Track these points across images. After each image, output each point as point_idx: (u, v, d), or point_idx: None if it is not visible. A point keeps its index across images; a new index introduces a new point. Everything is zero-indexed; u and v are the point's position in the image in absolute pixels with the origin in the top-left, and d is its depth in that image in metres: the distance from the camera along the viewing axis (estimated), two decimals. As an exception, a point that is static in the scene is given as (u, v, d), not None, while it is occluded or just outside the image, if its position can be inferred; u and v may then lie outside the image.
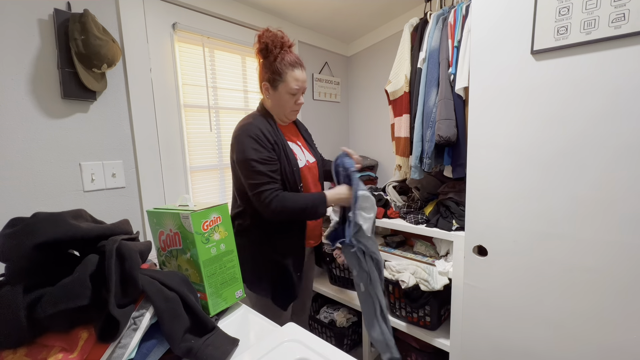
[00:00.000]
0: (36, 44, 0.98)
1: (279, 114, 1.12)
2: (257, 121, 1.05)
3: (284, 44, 1.04)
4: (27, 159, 0.99)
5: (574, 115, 0.87)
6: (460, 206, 1.25)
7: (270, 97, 1.08)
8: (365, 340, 1.62)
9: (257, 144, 1.00)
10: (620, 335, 0.87)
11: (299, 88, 1.06)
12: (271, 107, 1.11)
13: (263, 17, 1.63)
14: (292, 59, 1.04)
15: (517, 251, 1.02)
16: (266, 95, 1.09)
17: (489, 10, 0.99)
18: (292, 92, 1.05)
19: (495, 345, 1.11)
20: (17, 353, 0.46)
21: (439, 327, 1.37)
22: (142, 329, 0.51)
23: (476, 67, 1.04)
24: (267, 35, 1.02)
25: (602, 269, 0.88)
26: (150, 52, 1.25)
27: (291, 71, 1.03)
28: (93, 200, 1.13)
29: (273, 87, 1.06)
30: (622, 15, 0.77)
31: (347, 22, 1.86)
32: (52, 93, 1.02)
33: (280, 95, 1.06)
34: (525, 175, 0.97)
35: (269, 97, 1.09)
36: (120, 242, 0.54)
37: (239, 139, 1.02)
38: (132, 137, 1.22)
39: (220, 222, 0.71)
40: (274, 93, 1.07)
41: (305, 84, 1.08)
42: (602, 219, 0.86)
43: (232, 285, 0.73)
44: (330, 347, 0.58)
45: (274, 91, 1.06)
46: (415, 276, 1.29)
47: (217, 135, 1.52)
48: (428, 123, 1.24)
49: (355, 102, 2.24)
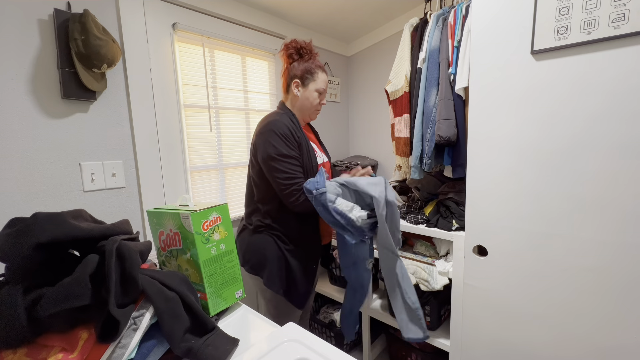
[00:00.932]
0: (36, 44, 0.98)
1: (303, 113, 1.18)
2: (283, 118, 1.09)
3: (312, 51, 1.17)
4: (27, 159, 0.99)
5: (574, 115, 0.87)
6: (460, 206, 1.25)
7: (300, 94, 1.15)
8: (365, 340, 1.62)
9: (287, 140, 1.04)
10: (620, 335, 0.87)
11: (326, 88, 1.18)
12: (296, 105, 1.17)
13: (263, 17, 1.64)
14: (320, 64, 1.18)
15: (517, 251, 1.02)
16: (295, 91, 1.15)
17: (489, 10, 0.99)
18: (320, 91, 1.16)
19: (495, 345, 1.11)
20: (17, 353, 0.46)
21: (439, 327, 1.37)
22: (142, 329, 0.51)
23: (476, 67, 1.04)
24: (298, 42, 1.16)
25: (602, 269, 0.88)
26: (150, 52, 1.25)
27: (321, 72, 1.16)
28: (93, 200, 1.13)
29: (304, 84, 1.14)
30: (622, 15, 0.77)
31: (347, 22, 1.86)
32: (52, 93, 1.02)
33: (310, 93, 1.15)
34: (525, 175, 0.97)
35: (298, 94, 1.15)
36: (120, 242, 0.53)
37: (267, 135, 1.05)
38: (132, 137, 1.22)
39: (220, 222, 0.71)
40: (304, 90, 1.15)
41: (327, 88, 1.20)
42: (602, 219, 0.86)
43: (232, 285, 0.73)
44: (330, 347, 0.58)
45: (304, 88, 1.15)
46: (415, 276, 1.29)
47: (217, 135, 1.52)
48: (428, 123, 1.24)
49: (355, 102, 2.24)
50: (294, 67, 1.15)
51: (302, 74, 1.14)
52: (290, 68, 1.16)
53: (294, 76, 1.14)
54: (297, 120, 1.14)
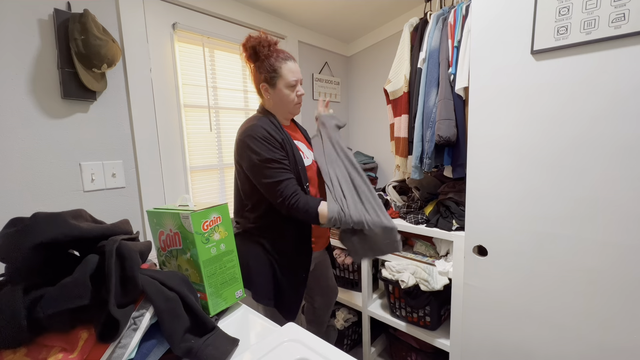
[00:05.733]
0: (36, 44, 0.98)
1: (283, 112, 1.10)
2: (261, 121, 1.03)
3: (270, 42, 1.04)
4: (27, 159, 0.99)
5: (574, 115, 0.87)
6: (460, 206, 1.25)
7: (271, 97, 1.07)
8: (366, 340, 1.62)
9: (267, 142, 0.99)
10: (620, 335, 0.87)
11: (297, 79, 1.06)
12: (273, 107, 1.10)
13: (263, 17, 1.64)
14: (281, 54, 1.05)
15: (517, 251, 1.02)
16: (266, 95, 1.08)
17: (489, 10, 0.99)
18: (291, 84, 1.06)
19: (496, 345, 1.11)
20: (17, 353, 0.46)
21: (439, 327, 1.37)
22: (142, 329, 0.51)
23: (476, 67, 1.04)
24: (252, 40, 1.03)
25: (602, 269, 0.88)
26: (150, 52, 1.25)
27: (284, 64, 1.04)
28: (93, 200, 1.13)
29: (271, 85, 1.05)
30: (622, 15, 0.77)
31: (347, 22, 1.86)
32: (52, 93, 1.02)
33: (281, 91, 1.06)
34: (525, 175, 0.97)
35: (269, 97, 1.08)
36: (120, 242, 0.54)
37: (246, 142, 1.00)
38: (132, 137, 1.22)
39: (220, 222, 0.71)
40: (273, 91, 1.06)
41: (300, 75, 1.08)
42: (602, 220, 0.86)
43: (232, 285, 0.73)
44: (330, 347, 0.58)
45: (273, 89, 1.06)
46: (415, 276, 1.29)
47: (217, 135, 1.52)
48: (428, 123, 1.24)
49: (355, 102, 2.24)
50: (258, 68, 1.06)
51: (266, 74, 1.04)
52: (255, 71, 1.08)
53: (260, 80, 1.06)
54: (277, 121, 1.07)
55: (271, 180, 0.98)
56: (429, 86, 1.24)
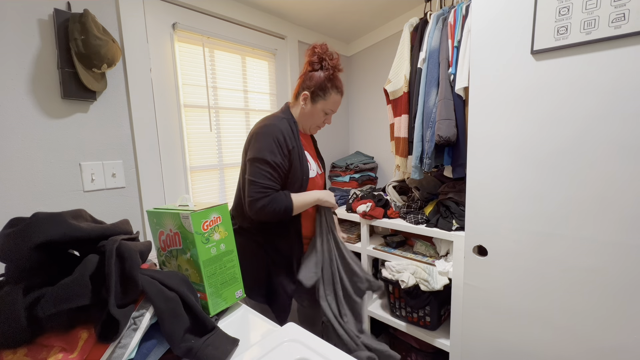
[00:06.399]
0: (36, 44, 0.98)
1: (304, 125, 1.13)
2: (282, 124, 1.04)
3: (337, 66, 1.07)
4: (27, 159, 0.99)
5: (574, 115, 0.87)
6: (460, 206, 1.25)
7: (305, 108, 1.09)
8: (365, 340, 1.62)
9: (276, 147, 1.00)
10: (620, 335, 0.87)
11: (335, 110, 1.12)
12: (299, 116, 1.11)
13: (263, 17, 1.63)
14: (339, 83, 1.09)
15: (517, 251, 1.02)
16: (302, 102, 1.09)
17: (489, 10, 0.99)
18: (327, 112, 1.11)
19: (496, 345, 1.11)
20: (17, 353, 0.46)
21: (439, 327, 1.37)
22: (142, 329, 0.51)
23: (476, 67, 1.04)
24: (324, 50, 1.07)
25: (602, 269, 0.88)
26: (150, 52, 1.25)
27: (335, 94, 1.08)
28: (93, 200, 1.13)
29: (312, 99, 1.08)
30: (622, 15, 0.77)
31: (347, 22, 1.86)
32: (52, 93, 1.02)
33: (316, 110, 1.09)
34: (525, 175, 0.97)
35: (303, 106, 1.09)
36: (120, 242, 0.53)
37: (259, 137, 1.01)
38: (132, 137, 1.22)
39: (220, 222, 0.71)
40: (310, 105, 1.09)
41: (337, 109, 1.14)
42: (602, 219, 0.86)
43: (232, 285, 0.73)
44: (330, 347, 0.58)
45: (312, 104, 1.08)
46: (415, 276, 1.29)
47: (217, 135, 1.52)
48: (428, 123, 1.24)
49: (355, 102, 2.24)
50: (311, 77, 1.07)
51: (315, 88, 1.06)
52: (306, 76, 1.08)
53: (306, 87, 1.07)
54: (296, 128, 1.08)
55: (253, 179, 0.99)
56: (429, 86, 1.25)
